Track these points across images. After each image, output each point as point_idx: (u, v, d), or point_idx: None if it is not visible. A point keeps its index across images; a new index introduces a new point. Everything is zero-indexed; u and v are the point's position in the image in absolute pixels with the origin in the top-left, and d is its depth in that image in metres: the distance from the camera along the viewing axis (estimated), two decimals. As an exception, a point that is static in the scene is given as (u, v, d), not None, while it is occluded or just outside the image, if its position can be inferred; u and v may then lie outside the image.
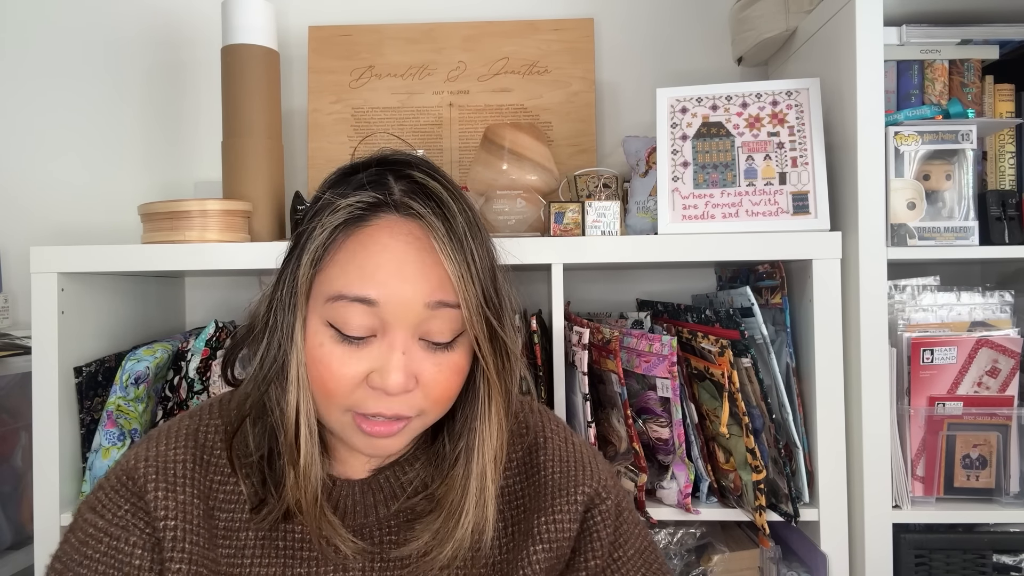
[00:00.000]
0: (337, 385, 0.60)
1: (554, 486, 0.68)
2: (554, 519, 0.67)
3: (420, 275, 0.60)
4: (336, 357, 0.60)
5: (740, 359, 0.98)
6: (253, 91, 1.20)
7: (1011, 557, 1.00)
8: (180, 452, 0.66)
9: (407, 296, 0.59)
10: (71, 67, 1.46)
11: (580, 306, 1.40)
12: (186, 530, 0.62)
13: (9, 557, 1.19)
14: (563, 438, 0.73)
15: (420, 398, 0.62)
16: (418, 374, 0.61)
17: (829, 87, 1.06)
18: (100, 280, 1.15)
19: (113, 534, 0.62)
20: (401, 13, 1.44)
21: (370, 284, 0.59)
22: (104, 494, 0.64)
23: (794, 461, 1.02)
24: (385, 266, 0.59)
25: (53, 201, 1.45)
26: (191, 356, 1.09)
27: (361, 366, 0.60)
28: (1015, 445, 0.99)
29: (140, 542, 0.62)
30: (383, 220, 0.61)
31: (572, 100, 1.40)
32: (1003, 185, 1.11)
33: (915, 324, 1.02)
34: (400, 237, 0.60)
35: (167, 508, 0.62)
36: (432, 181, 0.62)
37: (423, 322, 0.61)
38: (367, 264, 0.60)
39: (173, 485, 0.63)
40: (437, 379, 0.62)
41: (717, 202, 1.06)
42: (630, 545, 0.70)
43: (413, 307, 0.60)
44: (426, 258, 0.60)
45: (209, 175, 1.44)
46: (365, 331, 0.60)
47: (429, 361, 0.61)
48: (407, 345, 0.60)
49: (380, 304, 0.59)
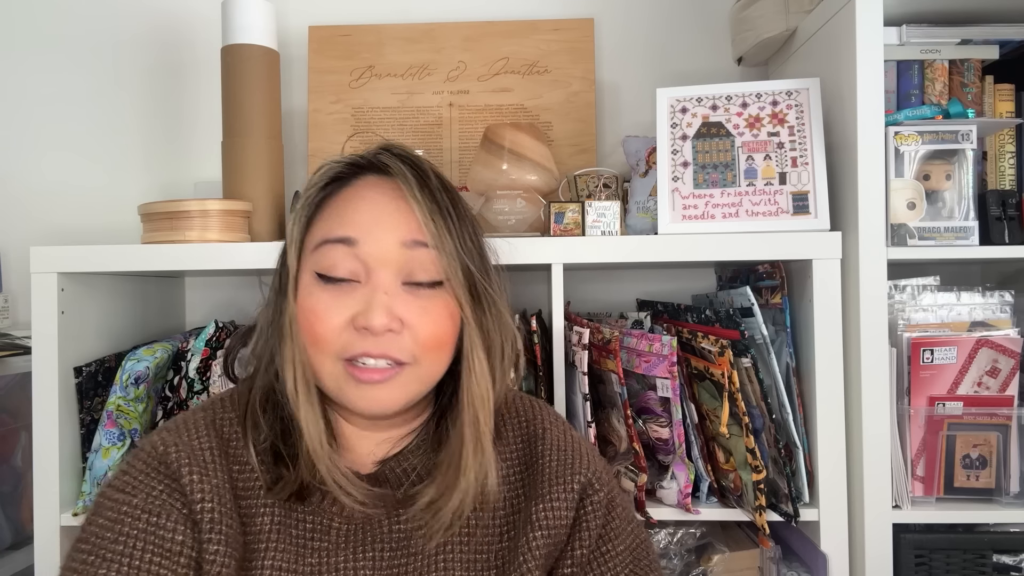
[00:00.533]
0: (324, 329, 0.63)
1: (551, 474, 0.70)
2: (552, 506, 0.68)
3: (396, 218, 0.65)
4: (323, 302, 0.64)
5: (740, 359, 0.98)
6: (253, 91, 1.20)
7: (1011, 557, 1.00)
8: (205, 440, 0.68)
9: (383, 235, 0.64)
10: (71, 67, 1.46)
11: (580, 306, 1.40)
12: (222, 512, 0.64)
13: (9, 557, 1.19)
14: (561, 430, 0.75)
15: (409, 341, 0.64)
16: (403, 317, 0.64)
17: (829, 87, 1.06)
18: (100, 280, 1.15)
19: (153, 510, 0.62)
20: (401, 13, 1.44)
21: (349, 226, 0.65)
22: (133, 477, 0.64)
23: (794, 461, 1.02)
24: (363, 210, 0.66)
25: (53, 201, 1.45)
26: (191, 356, 1.09)
27: (347, 310, 0.64)
28: (1015, 445, 0.99)
29: (181, 518, 0.62)
30: (365, 179, 0.68)
31: (572, 100, 1.40)
32: (1003, 185, 1.11)
33: (915, 324, 1.02)
34: (379, 189, 0.67)
35: (203, 491, 0.64)
36: (408, 152, 0.69)
37: (404, 264, 0.65)
38: (347, 212, 0.66)
39: (205, 470, 0.65)
40: (423, 321, 0.65)
41: (717, 202, 1.06)
42: (620, 541, 0.71)
43: (390, 246, 0.64)
44: (402, 206, 0.66)
45: (209, 175, 1.44)
46: (348, 273, 0.64)
47: (414, 304, 0.65)
48: (389, 287, 0.64)
49: (359, 243, 0.64)
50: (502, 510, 0.70)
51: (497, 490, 0.68)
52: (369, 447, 0.72)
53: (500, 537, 0.69)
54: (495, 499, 0.69)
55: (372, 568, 0.66)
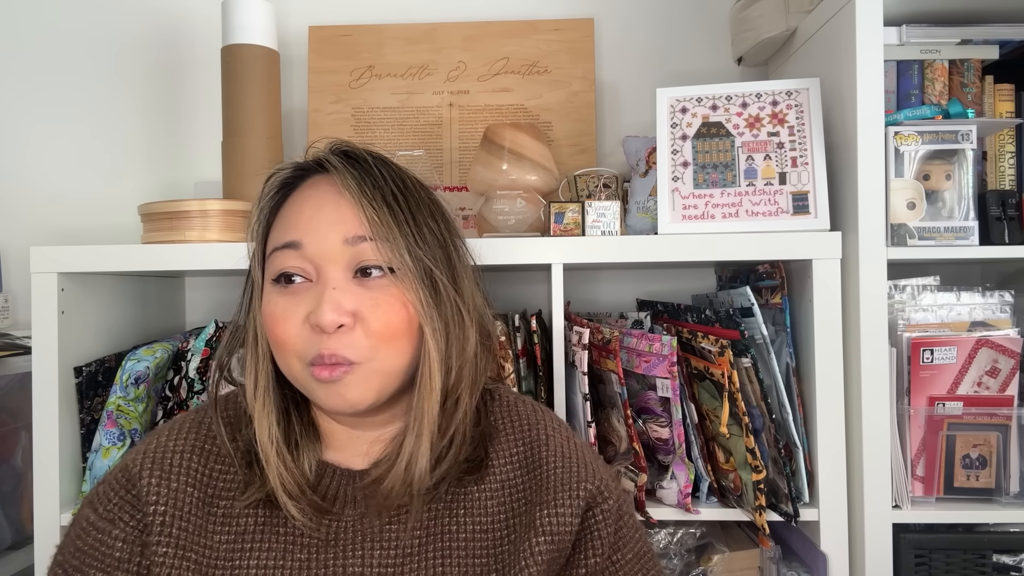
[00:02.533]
0: (285, 332, 0.65)
1: (556, 481, 0.69)
2: (556, 512, 0.68)
3: (336, 215, 0.66)
4: (280, 306, 0.65)
5: (740, 359, 0.98)
6: (253, 91, 1.20)
7: (1011, 557, 1.00)
8: (180, 443, 0.69)
9: (326, 234, 0.65)
10: (71, 67, 1.46)
11: (580, 306, 1.40)
12: (175, 515, 0.65)
13: (9, 557, 1.19)
14: (565, 436, 0.75)
15: (361, 336, 0.64)
16: (354, 310, 0.64)
17: (829, 87, 1.06)
18: (100, 280, 1.15)
19: (100, 527, 0.66)
20: (401, 13, 1.44)
21: (293, 230, 0.66)
22: (102, 489, 0.68)
23: (794, 461, 1.02)
24: (305, 212, 0.66)
25: (53, 201, 1.45)
26: (191, 356, 1.09)
27: (300, 310, 0.65)
28: (1015, 445, 0.99)
29: (122, 535, 0.65)
30: (310, 180, 0.69)
31: (572, 100, 1.40)
32: (1003, 185, 1.11)
33: (915, 324, 1.02)
34: (321, 188, 0.67)
35: (158, 494, 0.66)
36: (358, 149, 0.70)
37: (351, 258, 0.65)
38: (292, 215, 0.67)
39: (168, 473, 0.67)
40: (375, 313, 0.65)
41: (717, 202, 1.06)
42: (628, 549, 0.71)
43: (333, 244, 0.65)
44: (342, 202, 0.66)
45: (209, 175, 1.44)
46: (300, 273, 0.66)
47: (365, 296, 0.65)
48: (339, 282, 0.65)
49: (303, 245, 0.65)
50: (502, 514, 0.70)
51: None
52: (363, 447, 0.72)
53: (500, 540, 0.69)
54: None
55: (362, 566, 0.66)
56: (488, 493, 0.70)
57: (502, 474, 0.71)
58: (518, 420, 0.75)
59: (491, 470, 0.71)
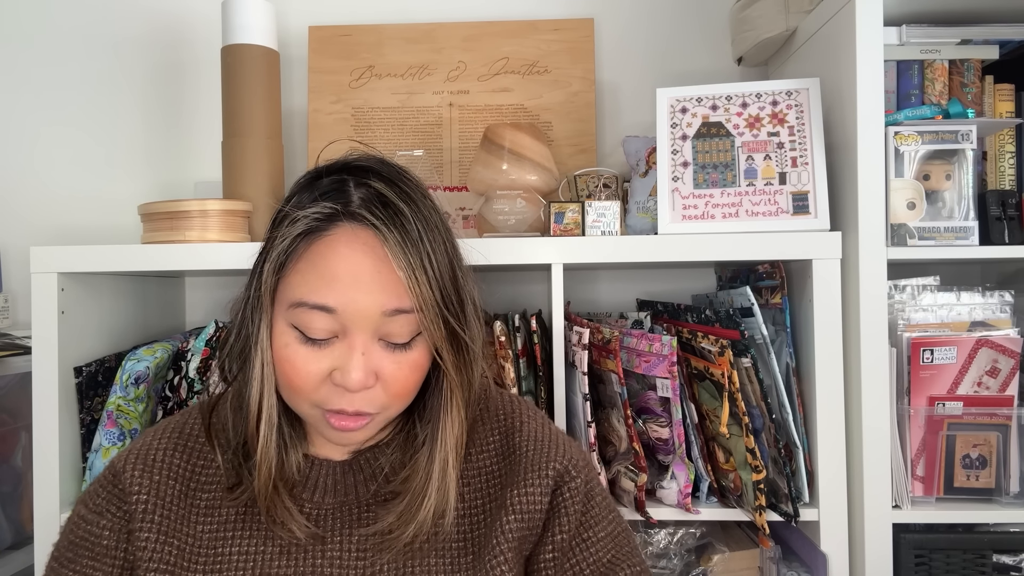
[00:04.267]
0: (303, 382, 0.65)
1: (527, 462, 0.72)
2: (526, 491, 0.70)
3: (376, 284, 0.63)
4: (301, 356, 0.65)
5: (740, 359, 0.98)
6: (253, 91, 1.20)
7: (1011, 557, 1.00)
8: (163, 441, 0.73)
9: (363, 305, 0.63)
10: (71, 67, 1.46)
11: (580, 306, 1.40)
12: (157, 504, 0.69)
13: (9, 557, 1.19)
14: (540, 423, 0.77)
15: (380, 394, 0.66)
16: (378, 371, 0.65)
17: (829, 87, 1.06)
18: (100, 280, 1.15)
19: (89, 519, 0.70)
20: (401, 13, 1.44)
21: (328, 293, 0.63)
22: (92, 488, 0.72)
23: (794, 461, 1.02)
24: (342, 276, 0.63)
25: (53, 201, 1.45)
26: (191, 356, 1.09)
27: (324, 364, 0.65)
28: (1015, 445, 0.99)
29: (109, 524, 0.69)
30: (340, 229, 0.64)
31: (572, 100, 1.40)
32: (1003, 185, 1.11)
33: (915, 324, 1.02)
34: (356, 246, 0.64)
35: (140, 485, 0.69)
36: (390, 189, 0.66)
37: (381, 326, 0.65)
38: (325, 273, 0.64)
39: (150, 467, 0.70)
40: (396, 376, 0.66)
41: (717, 202, 1.06)
42: (601, 528, 0.72)
43: (370, 315, 0.64)
44: (381, 267, 0.64)
45: (209, 175, 1.44)
46: (327, 334, 0.65)
47: (388, 359, 0.66)
48: (367, 346, 0.65)
49: (338, 312, 0.63)
50: (479, 500, 0.72)
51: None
52: None
53: (476, 524, 0.71)
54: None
55: (340, 551, 0.69)
56: (465, 480, 0.73)
57: (478, 462, 0.74)
58: (496, 411, 0.78)
59: (469, 459, 0.74)
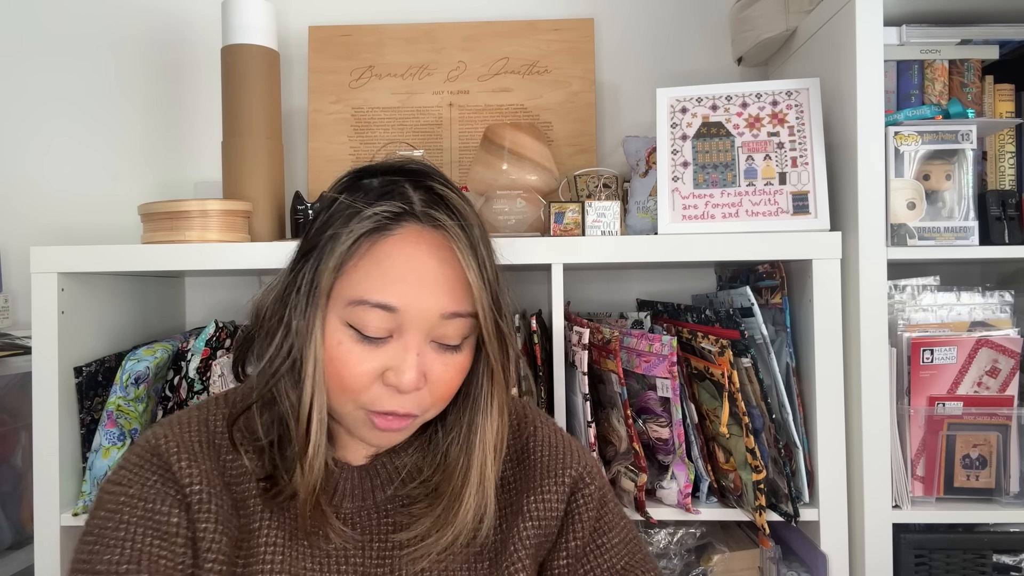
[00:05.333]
0: (354, 381, 0.64)
1: (543, 468, 0.72)
2: (543, 498, 0.71)
3: (438, 286, 0.64)
4: (355, 355, 0.64)
5: (740, 359, 0.98)
6: (253, 91, 1.20)
7: (1011, 557, 1.00)
8: (195, 433, 0.69)
9: (426, 306, 0.63)
10: (71, 67, 1.46)
11: (580, 306, 1.40)
12: (211, 493, 0.66)
13: (9, 557, 1.19)
14: (553, 429, 0.78)
15: (427, 396, 0.66)
16: (428, 373, 0.65)
17: (829, 87, 1.06)
18: (100, 280, 1.15)
19: (148, 497, 0.64)
20: (401, 13, 1.44)
21: (391, 292, 0.63)
22: (129, 470, 0.67)
23: (794, 461, 1.02)
24: (407, 276, 0.63)
25: (53, 201, 1.45)
26: (191, 356, 1.09)
27: (377, 363, 0.64)
28: (1015, 445, 0.99)
29: (176, 502, 0.65)
30: (406, 229, 0.64)
31: (572, 100, 1.40)
32: (1003, 185, 1.11)
33: (915, 324, 1.02)
34: (423, 247, 0.64)
35: (191, 475, 0.66)
36: (451, 193, 0.66)
37: (436, 327, 0.65)
38: (390, 272, 0.63)
39: (194, 456, 0.67)
40: (443, 378, 0.66)
41: (717, 202, 1.06)
42: (614, 534, 0.73)
43: (430, 316, 0.64)
44: (445, 269, 0.64)
45: (209, 175, 1.44)
46: (383, 332, 0.64)
47: (438, 361, 0.66)
48: (420, 347, 0.64)
49: (400, 311, 0.63)
50: (496, 507, 0.72)
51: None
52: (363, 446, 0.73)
53: (492, 530, 0.71)
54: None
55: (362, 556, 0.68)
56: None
57: None
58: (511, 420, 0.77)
59: None
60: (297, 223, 1.19)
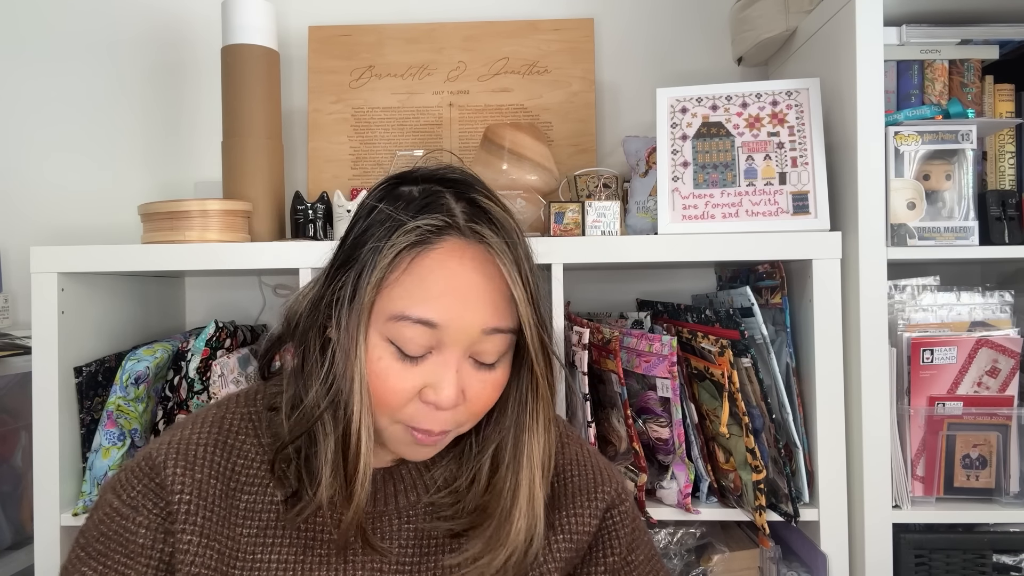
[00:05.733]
0: (394, 398, 0.63)
1: (575, 488, 0.73)
2: (576, 513, 0.71)
3: (482, 301, 0.63)
4: (394, 372, 0.63)
5: (740, 359, 0.98)
6: (253, 91, 1.20)
7: (1011, 557, 1.00)
8: (203, 436, 0.68)
9: (468, 321, 0.62)
10: (71, 67, 1.46)
11: (580, 306, 1.40)
12: (200, 505, 0.65)
13: (9, 557, 1.19)
14: (579, 443, 0.78)
15: (463, 412, 0.66)
16: (465, 389, 0.64)
17: (829, 87, 1.06)
18: (100, 280, 1.15)
19: (123, 513, 0.65)
20: (401, 13, 1.44)
21: (433, 308, 0.62)
22: (124, 475, 0.67)
23: (794, 461, 1.02)
24: (450, 292, 0.62)
25: (53, 201, 1.45)
26: (191, 356, 1.09)
27: (416, 380, 0.63)
28: (1015, 445, 0.99)
29: (146, 522, 0.64)
30: (449, 243, 0.63)
31: (572, 100, 1.40)
32: (1003, 185, 1.11)
33: (915, 324, 1.02)
34: (466, 262, 0.63)
35: (183, 483, 0.65)
36: (494, 205, 0.65)
37: (475, 343, 0.64)
38: (433, 288, 0.62)
39: (192, 464, 0.66)
40: (480, 395, 0.66)
41: (717, 202, 1.06)
42: (641, 551, 0.74)
43: (471, 332, 0.63)
44: (489, 284, 0.63)
45: (209, 175, 1.44)
46: (423, 350, 0.63)
47: (475, 378, 0.65)
48: (459, 363, 0.64)
49: (441, 327, 0.62)
50: None
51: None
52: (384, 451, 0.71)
53: None
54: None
55: (380, 563, 0.67)
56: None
57: None
58: None
59: None
60: (297, 223, 1.19)
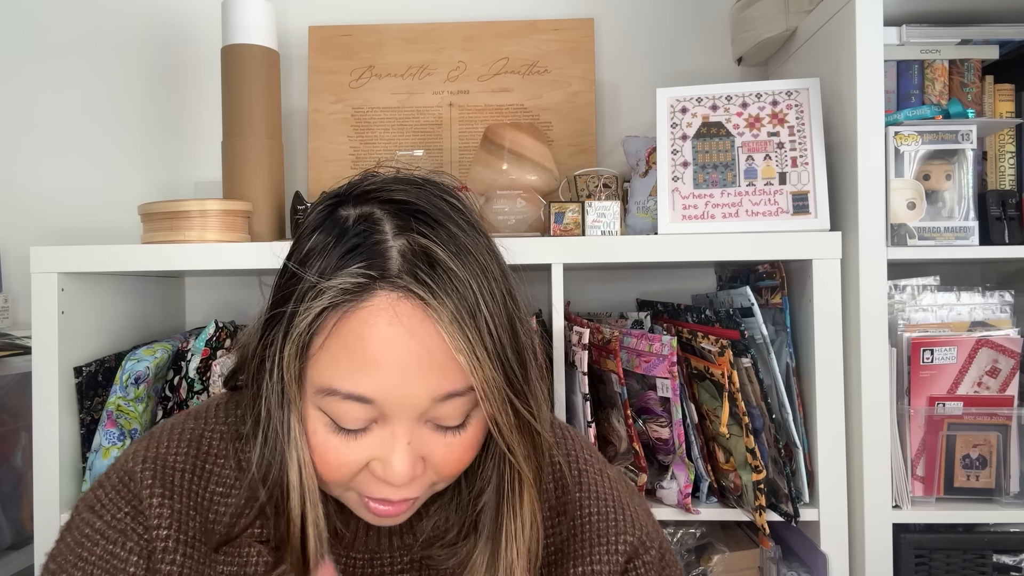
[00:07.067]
0: (335, 475, 0.56)
1: (592, 532, 0.65)
2: (592, 569, 0.63)
3: (425, 368, 0.52)
4: (332, 448, 0.55)
5: (740, 359, 0.98)
6: (253, 91, 1.20)
7: (1011, 557, 1.00)
8: (180, 459, 0.63)
9: (409, 392, 0.53)
10: (71, 67, 1.46)
11: (580, 306, 1.40)
12: (179, 540, 0.59)
13: (9, 557, 1.19)
14: (598, 471, 0.69)
15: (430, 475, 0.57)
16: (427, 456, 0.56)
17: (829, 87, 1.06)
18: (100, 280, 1.15)
19: (110, 537, 0.60)
20: (401, 13, 1.44)
21: (366, 381, 0.52)
22: (104, 493, 0.62)
23: (794, 461, 1.02)
24: (383, 361, 0.52)
25: (53, 201, 1.45)
26: (191, 356, 1.09)
27: (361, 455, 0.55)
28: (1015, 445, 0.99)
29: (137, 548, 0.59)
30: (379, 299, 0.52)
31: (572, 100, 1.40)
32: (1003, 185, 1.11)
33: (915, 324, 1.02)
34: (402, 322, 0.52)
35: (161, 516, 0.60)
36: (436, 238, 0.53)
37: (428, 411, 0.54)
38: (361, 357, 0.52)
39: (171, 492, 0.61)
40: (448, 459, 0.57)
41: (717, 202, 1.06)
42: None
43: (418, 403, 0.53)
44: (432, 346, 0.52)
45: (209, 175, 1.44)
46: (363, 423, 0.54)
47: (439, 442, 0.56)
48: (412, 432, 0.55)
49: (378, 401, 0.53)
50: None
51: None
52: None
53: None
54: None
55: None
56: None
57: None
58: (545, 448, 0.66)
59: None
60: (297, 223, 1.19)
